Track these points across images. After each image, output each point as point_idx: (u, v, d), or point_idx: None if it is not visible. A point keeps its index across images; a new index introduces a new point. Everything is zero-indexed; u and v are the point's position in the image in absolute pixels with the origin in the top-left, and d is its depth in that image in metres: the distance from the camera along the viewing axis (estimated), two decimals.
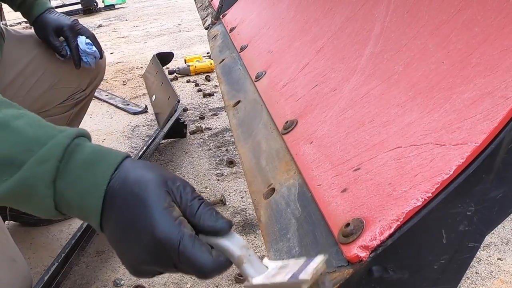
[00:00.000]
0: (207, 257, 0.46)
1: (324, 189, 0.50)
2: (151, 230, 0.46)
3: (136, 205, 0.48)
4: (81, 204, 0.49)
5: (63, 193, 0.49)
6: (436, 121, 0.44)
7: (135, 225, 0.48)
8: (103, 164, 0.50)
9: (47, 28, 1.28)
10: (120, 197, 0.48)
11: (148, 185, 0.48)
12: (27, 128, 0.50)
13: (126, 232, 0.49)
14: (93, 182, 0.49)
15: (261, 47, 1.02)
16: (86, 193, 0.49)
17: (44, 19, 1.29)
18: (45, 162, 0.48)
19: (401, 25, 0.59)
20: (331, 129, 0.57)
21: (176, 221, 0.46)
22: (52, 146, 0.49)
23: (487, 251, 1.28)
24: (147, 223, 0.47)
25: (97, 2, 6.63)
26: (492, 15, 0.46)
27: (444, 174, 0.39)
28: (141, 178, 0.49)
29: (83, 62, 1.32)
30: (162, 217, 0.46)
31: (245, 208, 1.58)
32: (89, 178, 0.49)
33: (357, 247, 0.39)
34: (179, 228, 0.46)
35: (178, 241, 0.45)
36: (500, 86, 0.40)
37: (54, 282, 1.12)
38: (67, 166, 0.49)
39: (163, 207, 0.47)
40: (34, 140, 0.49)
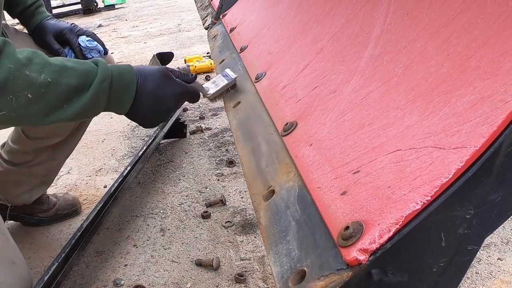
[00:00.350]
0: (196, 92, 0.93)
1: (324, 191, 0.50)
2: (176, 91, 0.88)
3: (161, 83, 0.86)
4: (121, 99, 0.83)
5: (111, 97, 0.81)
6: (435, 124, 0.44)
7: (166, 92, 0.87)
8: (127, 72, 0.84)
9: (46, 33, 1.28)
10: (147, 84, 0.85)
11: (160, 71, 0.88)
12: (77, 65, 0.78)
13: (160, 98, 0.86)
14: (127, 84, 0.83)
15: (261, 48, 1.02)
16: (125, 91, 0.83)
17: (43, 25, 1.29)
18: (104, 81, 0.79)
19: (400, 28, 0.59)
20: (330, 132, 0.57)
21: (182, 83, 0.90)
22: (103, 70, 0.80)
23: (487, 251, 1.28)
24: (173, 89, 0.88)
25: (97, 2, 6.63)
26: (492, 18, 0.46)
27: (444, 178, 0.39)
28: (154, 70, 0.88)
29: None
30: (178, 83, 0.89)
31: (245, 208, 1.58)
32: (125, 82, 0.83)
33: (357, 250, 0.39)
34: (186, 85, 0.91)
35: (188, 88, 0.91)
36: (499, 90, 0.40)
37: (54, 282, 1.12)
38: (112, 81, 0.81)
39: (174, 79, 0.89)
40: (87, 71, 0.78)
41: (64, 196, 1.65)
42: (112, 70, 0.81)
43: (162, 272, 1.33)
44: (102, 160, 2.06)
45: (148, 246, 1.44)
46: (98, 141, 2.27)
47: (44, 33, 1.28)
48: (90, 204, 1.70)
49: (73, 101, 0.76)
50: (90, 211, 1.43)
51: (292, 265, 0.46)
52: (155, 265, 1.35)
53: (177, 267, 1.34)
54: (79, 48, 1.29)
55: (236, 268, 1.31)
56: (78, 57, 1.30)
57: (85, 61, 0.80)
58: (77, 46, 1.29)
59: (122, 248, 1.44)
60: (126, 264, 1.37)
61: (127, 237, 1.49)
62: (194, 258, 1.36)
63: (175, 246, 1.43)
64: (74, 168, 2.00)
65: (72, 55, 1.30)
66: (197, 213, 1.58)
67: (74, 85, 0.76)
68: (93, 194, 1.78)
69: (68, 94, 0.76)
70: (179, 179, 1.82)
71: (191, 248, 1.41)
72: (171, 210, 1.62)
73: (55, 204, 1.59)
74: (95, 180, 1.89)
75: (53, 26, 1.29)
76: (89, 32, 1.35)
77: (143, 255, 1.40)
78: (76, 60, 0.80)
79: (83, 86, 0.77)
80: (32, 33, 1.31)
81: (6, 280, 0.81)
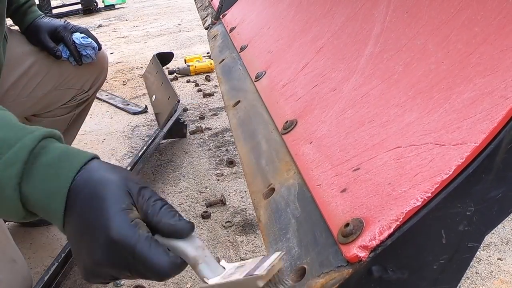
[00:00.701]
0: (163, 258, 0.45)
1: (324, 189, 0.50)
2: (106, 230, 0.46)
3: (94, 204, 0.48)
4: (45, 206, 0.50)
5: (28, 196, 0.49)
6: (435, 121, 0.44)
7: (92, 225, 0.47)
8: (66, 166, 0.50)
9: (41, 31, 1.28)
10: (81, 197, 0.48)
11: (108, 185, 0.48)
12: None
13: (84, 232, 0.48)
14: (56, 185, 0.49)
15: (261, 47, 1.02)
16: (50, 195, 0.49)
17: (37, 24, 1.29)
18: (12, 165, 0.48)
19: (401, 25, 0.59)
20: (331, 129, 0.57)
21: (132, 223, 0.46)
22: (18, 149, 0.49)
23: (487, 251, 1.28)
24: (102, 223, 0.46)
25: (97, 2, 6.63)
26: (492, 15, 0.45)
27: (444, 174, 0.38)
28: (102, 178, 0.49)
29: (84, 57, 1.32)
30: (119, 218, 0.46)
31: (245, 208, 1.58)
32: (53, 180, 0.49)
33: (357, 247, 0.39)
34: (135, 230, 0.46)
35: (135, 242, 0.45)
36: (499, 86, 0.40)
37: (54, 282, 1.12)
38: (32, 169, 0.49)
39: (121, 208, 0.47)
40: (3, 142, 0.49)
41: None
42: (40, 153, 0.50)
43: None
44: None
45: None
46: (98, 141, 2.26)
47: (38, 31, 1.28)
48: None
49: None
50: None
51: (292, 263, 0.46)
52: None
53: None
54: (73, 46, 1.30)
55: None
56: (73, 53, 1.30)
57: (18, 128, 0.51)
58: (71, 43, 1.29)
59: None
60: None
61: None
62: None
63: None
64: None
65: (67, 52, 1.31)
66: (197, 213, 1.58)
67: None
68: None
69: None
70: (179, 179, 1.82)
71: None
72: None
73: None
74: None
75: (47, 24, 1.29)
76: (82, 29, 1.35)
77: None
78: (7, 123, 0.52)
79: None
80: (25, 31, 1.30)
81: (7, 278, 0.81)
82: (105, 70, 1.47)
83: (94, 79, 1.42)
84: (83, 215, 0.48)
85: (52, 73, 1.31)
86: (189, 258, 0.46)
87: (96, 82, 1.44)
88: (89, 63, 1.35)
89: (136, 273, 0.47)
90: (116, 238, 0.45)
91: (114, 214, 0.46)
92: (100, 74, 1.44)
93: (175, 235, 0.47)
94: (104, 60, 1.45)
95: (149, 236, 0.46)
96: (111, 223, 0.46)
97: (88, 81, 1.40)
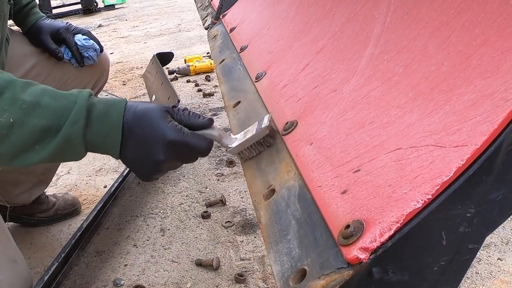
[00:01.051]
0: (205, 142, 0.70)
1: (324, 190, 0.50)
2: (164, 136, 0.67)
3: (148, 124, 0.68)
4: (105, 142, 0.68)
5: (90, 140, 0.67)
6: (436, 123, 0.44)
7: (151, 137, 0.67)
8: (114, 111, 0.68)
9: (43, 33, 1.28)
10: (134, 125, 0.68)
11: (151, 111, 0.69)
12: (52, 102, 0.66)
13: (143, 146, 0.68)
14: (112, 125, 0.67)
15: (261, 48, 1.02)
16: (108, 133, 0.67)
17: (39, 25, 1.29)
18: (77, 122, 0.65)
19: (401, 27, 0.59)
20: (331, 130, 0.57)
21: (178, 127, 0.68)
22: (77, 109, 0.66)
23: (487, 251, 1.28)
24: (159, 133, 0.67)
25: (97, 2, 6.63)
26: (492, 16, 0.46)
27: (444, 176, 0.39)
28: (145, 109, 0.69)
29: (86, 58, 1.33)
30: (169, 127, 0.68)
31: (245, 208, 1.58)
32: (108, 123, 0.67)
33: (357, 249, 0.39)
34: (182, 131, 0.68)
35: (185, 138, 0.68)
36: (500, 88, 0.40)
37: (54, 282, 1.12)
38: (90, 121, 0.67)
39: (167, 121, 0.68)
40: (62, 109, 0.66)
41: (63, 196, 1.65)
42: (93, 106, 0.68)
43: (162, 272, 1.32)
44: (102, 160, 2.05)
45: (148, 246, 1.44)
46: None
47: (40, 32, 1.28)
48: (90, 204, 1.70)
49: (45, 143, 0.66)
50: (90, 211, 1.43)
51: (292, 264, 0.46)
52: (155, 265, 1.35)
53: (177, 267, 1.34)
54: (76, 47, 1.30)
55: (236, 268, 1.30)
56: (75, 55, 1.30)
57: (65, 95, 0.68)
58: (73, 45, 1.30)
59: (122, 248, 1.44)
60: (126, 264, 1.37)
61: (127, 237, 1.49)
62: (194, 258, 1.36)
63: (175, 246, 1.43)
64: (74, 168, 2.00)
65: (69, 53, 1.31)
66: (197, 213, 1.58)
67: (42, 127, 0.65)
68: (93, 194, 1.78)
69: (35, 136, 0.65)
70: (179, 179, 1.82)
71: (191, 248, 1.41)
72: (171, 210, 1.62)
73: (55, 204, 1.59)
74: (95, 180, 1.89)
75: (49, 26, 1.29)
76: (84, 30, 1.35)
77: (143, 255, 1.40)
78: (56, 93, 0.68)
79: (54, 127, 0.65)
80: (27, 33, 1.31)
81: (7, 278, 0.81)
82: (106, 72, 1.47)
83: (95, 80, 1.42)
84: (140, 134, 0.68)
85: (53, 74, 1.31)
86: (215, 137, 0.72)
87: (97, 84, 1.44)
88: (91, 65, 1.36)
89: (187, 160, 0.72)
90: (173, 140, 0.67)
91: (165, 125, 0.67)
92: (101, 75, 1.44)
93: (203, 128, 0.72)
94: (105, 62, 1.45)
95: (191, 132, 0.69)
96: (166, 131, 0.67)
97: (89, 83, 1.40)
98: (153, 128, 0.67)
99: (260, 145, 0.68)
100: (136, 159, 0.69)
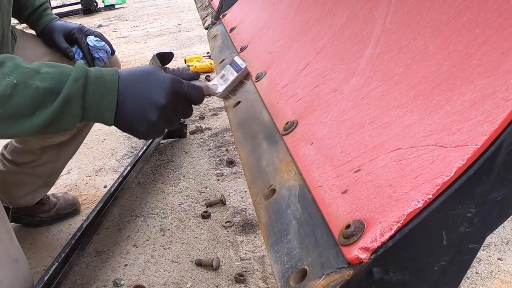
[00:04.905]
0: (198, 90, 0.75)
1: (325, 190, 0.50)
2: (165, 85, 0.71)
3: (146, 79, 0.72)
4: (100, 104, 0.70)
5: (87, 101, 0.69)
6: (436, 123, 0.44)
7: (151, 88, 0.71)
8: (108, 74, 0.72)
9: (55, 33, 1.30)
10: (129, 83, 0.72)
11: (148, 68, 0.74)
12: (52, 69, 0.70)
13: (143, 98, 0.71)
14: (108, 86, 0.71)
15: (261, 48, 1.02)
16: (105, 93, 0.70)
17: (52, 26, 1.31)
18: (77, 80, 0.68)
19: (401, 26, 0.59)
20: (331, 130, 0.57)
21: (173, 76, 0.73)
22: (77, 70, 0.69)
23: (487, 251, 1.28)
24: (160, 84, 0.71)
25: (97, 2, 6.62)
26: (492, 16, 0.45)
27: (445, 176, 0.38)
28: (141, 68, 0.75)
29: (96, 60, 1.34)
30: (169, 77, 0.72)
31: (245, 208, 1.58)
32: (104, 85, 0.70)
33: (358, 249, 0.39)
34: (178, 79, 0.74)
35: (183, 84, 0.74)
36: (500, 88, 0.40)
37: (54, 282, 1.12)
38: (88, 83, 0.70)
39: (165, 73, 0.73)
40: (62, 74, 0.69)
41: (64, 196, 1.65)
42: (89, 70, 0.71)
43: (162, 272, 1.32)
44: (102, 160, 2.05)
45: (148, 246, 1.44)
46: (98, 141, 2.26)
47: (53, 32, 1.30)
48: (90, 204, 1.70)
49: (46, 107, 0.67)
50: (90, 211, 1.42)
51: (293, 264, 0.46)
52: (155, 265, 1.35)
53: (177, 267, 1.34)
54: (87, 48, 1.31)
55: (236, 268, 1.30)
56: (86, 56, 1.32)
57: (63, 65, 0.72)
58: (85, 45, 1.31)
59: (122, 248, 1.44)
60: (126, 264, 1.37)
61: (127, 237, 1.49)
62: (194, 258, 1.36)
63: (175, 246, 1.43)
64: (74, 168, 2.00)
65: (80, 54, 1.32)
66: (197, 213, 1.58)
67: (45, 88, 0.67)
68: (93, 194, 1.78)
69: (38, 98, 0.67)
70: (179, 179, 1.82)
71: (191, 248, 1.41)
72: (171, 210, 1.62)
73: (56, 204, 1.59)
74: (95, 180, 1.89)
75: (62, 26, 1.31)
76: (97, 33, 1.36)
77: (143, 255, 1.40)
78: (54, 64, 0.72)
79: (55, 90, 0.68)
80: (40, 34, 1.32)
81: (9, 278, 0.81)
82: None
83: None
84: (138, 89, 0.71)
85: None
86: (203, 87, 0.76)
87: None
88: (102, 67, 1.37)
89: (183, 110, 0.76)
90: (175, 88, 0.72)
91: (164, 76, 0.72)
92: None
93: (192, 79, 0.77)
94: (117, 65, 1.46)
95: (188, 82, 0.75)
96: (167, 81, 0.72)
97: None
98: (152, 78, 0.72)
99: (240, 84, 0.79)
100: (134, 111, 0.71)
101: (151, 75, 0.72)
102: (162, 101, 0.70)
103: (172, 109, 0.73)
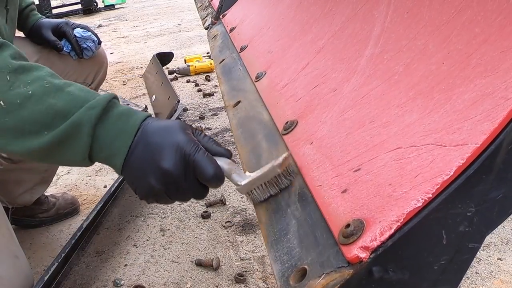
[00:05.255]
0: (214, 164, 0.60)
1: (325, 189, 0.50)
2: (176, 140, 0.60)
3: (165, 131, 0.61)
4: (112, 145, 0.61)
5: (99, 136, 0.61)
6: (436, 122, 0.44)
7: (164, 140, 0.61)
8: (134, 116, 0.63)
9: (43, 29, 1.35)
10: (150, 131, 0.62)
11: (173, 123, 0.63)
12: (77, 91, 0.64)
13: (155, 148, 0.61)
14: (126, 126, 0.62)
15: (261, 47, 1.02)
16: (120, 134, 0.61)
17: (40, 23, 1.36)
18: (93, 108, 0.61)
19: (401, 26, 0.59)
20: (331, 130, 0.57)
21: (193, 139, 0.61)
22: (98, 99, 0.62)
23: (487, 251, 1.28)
24: (173, 137, 0.61)
25: (97, 2, 6.63)
26: (492, 15, 0.45)
27: (445, 175, 0.38)
28: (167, 121, 0.64)
29: (84, 50, 1.40)
30: (186, 136, 0.61)
31: (245, 208, 1.58)
32: (124, 123, 0.62)
33: (358, 248, 0.39)
34: (196, 144, 0.61)
35: (194, 151, 0.60)
36: (500, 87, 0.40)
37: (54, 282, 1.12)
38: (107, 115, 0.62)
39: (186, 133, 0.62)
40: (84, 99, 0.62)
41: (63, 196, 1.65)
42: (116, 105, 0.64)
43: (162, 272, 1.32)
44: None
45: (148, 246, 1.44)
46: None
47: (41, 29, 1.35)
48: (90, 204, 1.70)
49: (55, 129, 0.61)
50: (90, 211, 1.42)
51: (293, 263, 0.46)
52: (155, 265, 1.35)
53: (177, 267, 1.34)
54: (75, 39, 1.37)
55: (236, 268, 1.30)
56: (74, 46, 1.37)
57: (91, 91, 0.65)
58: (73, 37, 1.37)
59: (122, 248, 1.44)
60: (126, 264, 1.37)
61: (127, 237, 1.49)
62: (194, 258, 1.36)
63: (175, 246, 1.43)
64: (74, 168, 2.00)
65: (68, 46, 1.38)
66: (197, 213, 1.58)
67: (57, 109, 0.61)
68: (93, 194, 1.78)
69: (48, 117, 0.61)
70: None
71: (191, 248, 1.41)
72: (171, 210, 1.62)
73: (55, 203, 1.59)
74: (95, 180, 1.89)
75: (49, 22, 1.37)
76: (83, 25, 1.43)
77: (143, 255, 1.40)
78: (84, 88, 0.65)
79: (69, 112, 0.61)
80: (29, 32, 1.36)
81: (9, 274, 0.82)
82: (105, 66, 1.54)
83: (94, 73, 1.48)
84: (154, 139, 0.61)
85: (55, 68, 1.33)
86: (225, 169, 0.61)
87: (97, 76, 1.50)
88: (90, 58, 1.42)
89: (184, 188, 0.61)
90: (184, 146, 0.60)
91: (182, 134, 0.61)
92: (100, 67, 1.51)
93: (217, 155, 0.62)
94: (103, 55, 1.52)
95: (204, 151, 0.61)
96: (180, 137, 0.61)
97: (90, 75, 1.47)
98: (169, 134, 0.61)
99: (272, 186, 0.58)
100: (141, 165, 0.61)
101: (170, 131, 0.61)
102: (166, 165, 0.60)
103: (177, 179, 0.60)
